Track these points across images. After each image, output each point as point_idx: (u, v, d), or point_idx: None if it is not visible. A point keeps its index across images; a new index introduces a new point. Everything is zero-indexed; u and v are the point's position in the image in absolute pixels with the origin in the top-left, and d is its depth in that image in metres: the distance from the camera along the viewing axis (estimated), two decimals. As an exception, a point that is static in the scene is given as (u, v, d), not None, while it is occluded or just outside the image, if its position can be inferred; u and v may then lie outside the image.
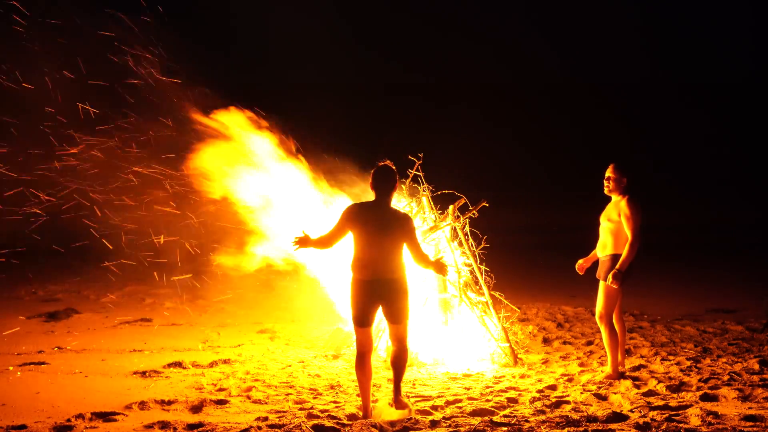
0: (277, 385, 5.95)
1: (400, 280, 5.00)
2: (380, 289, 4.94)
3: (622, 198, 6.31)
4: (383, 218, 5.00)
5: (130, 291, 11.60)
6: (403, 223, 5.03)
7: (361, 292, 4.97)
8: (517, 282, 11.78)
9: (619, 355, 6.34)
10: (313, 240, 5.10)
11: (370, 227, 4.96)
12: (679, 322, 9.11)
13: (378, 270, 4.94)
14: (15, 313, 9.43)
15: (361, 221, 4.98)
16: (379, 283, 4.94)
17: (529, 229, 25.69)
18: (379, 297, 4.96)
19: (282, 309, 9.92)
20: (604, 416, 4.88)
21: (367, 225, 4.97)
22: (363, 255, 4.97)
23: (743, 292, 11.46)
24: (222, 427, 4.73)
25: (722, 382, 5.88)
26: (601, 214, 6.45)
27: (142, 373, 6.36)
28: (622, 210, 6.24)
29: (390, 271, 4.96)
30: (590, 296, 10.74)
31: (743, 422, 4.76)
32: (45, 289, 11.57)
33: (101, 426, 4.83)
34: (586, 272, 6.62)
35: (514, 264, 14.60)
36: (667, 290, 11.85)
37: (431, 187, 7.41)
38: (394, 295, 4.96)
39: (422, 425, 4.76)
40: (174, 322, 9.30)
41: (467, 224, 7.32)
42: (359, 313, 4.99)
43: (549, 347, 7.69)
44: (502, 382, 6.12)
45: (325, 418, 4.94)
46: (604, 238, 6.37)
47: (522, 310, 9.62)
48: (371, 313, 5.01)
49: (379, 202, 5.07)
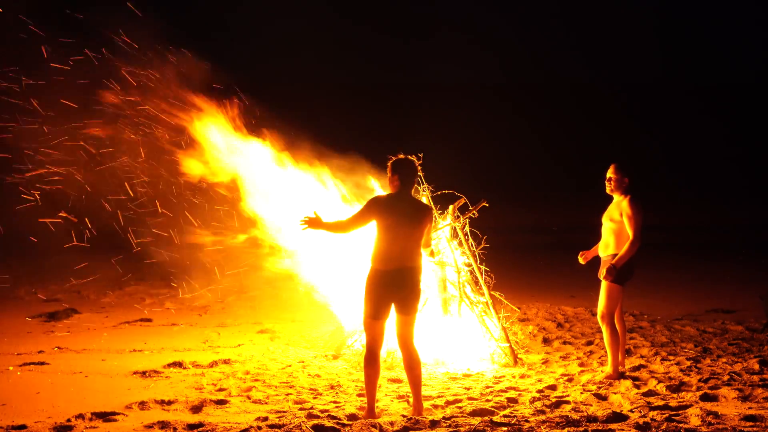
0: (277, 385, 5.95)
1: (418, 268, 5.12)
2: (400, 278, 5.02)
3: (623, 198, 6.36)
4: (409, 209, 5.11)
5: (130, 291, 11.60)
6: (427, 213, 5.18)
7: (381, 283, 5.03)
8: (517, 282, 11.78)
9: (620, 355, 6.35)
10: (326, 223, 5.17)
11: (398, 218, 5.04)
12: (679, 322, 9.11)
13: (402, 259, 5.03)
14: (15, 313, 9.43)
15: (388, 212, 5.05)
16: (401, 272, 5.02)
17: (529, 229, 25.69)
18: (398, 287, 5.03)
19: (282, 309, 9.92)
20: (604, 416, 4.88)
21: (395, 216, 5.04)
22: (389, 246, 5.03)
23: (743, 292, 11.45)
24: (222, 427, 4.73)
25: (722, 382, 5.89)
26: (603, 214, 6.48)
27: (142, 373, 6.35)
28: (623, 210, 6.30)
29: (411, 259, 5.08)
30: (590, 296, 10.77)
31: (743, 422, 4.76)
32: (45, 289, 11.57)
33: (101, 426, 4.83)
34: (588, 267, 6.64)
35: (514, 264, 14.61)
36: (667, 290, 11.84)
37: (431, 187, 7.41)
38: (412, 284, 5.07)
39: (422, 425, 4.76)
40: (174, 322, 9.30)
41: (467, 224, 7.33)
42: (375, 304, 5.04)
43: (549, 347, 7.69)
44: (502, 382, 6.12)
45: (325, 418, 4.94)
46: (606, 238, 6.41)
47: (522, 310, 9.62)
48: (387, 305, 5.08)
49: (402, 194, 5.15)
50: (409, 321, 5.11)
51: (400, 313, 5.10)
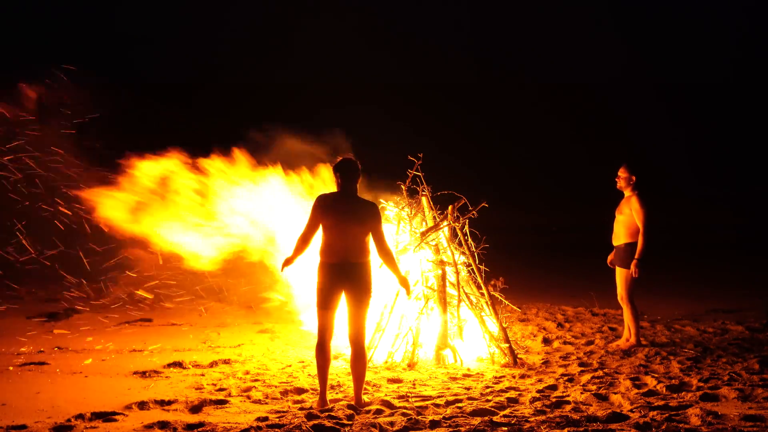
0: (277, 385, 5.95)
1: (365, 264, 5.28)
2: (346, 272, 5.21)
3: (632, 194, 7.28)
4: (350, 205, 5.30)
5: (130, 291, 11.59)
6: (369, 209, 5.33)
7: (328, 275, 5.23)
8: (517, 282, 11.78)
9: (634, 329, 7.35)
10: (294, 254, 5.37)
11: (338, 214, 5.25)
12: (679, 322, 9.11)
13: (346, 254, 5.21)
14: (15, 313, 9.43)
15: (331, 209, 5.27)
16: (346, 266, 5.20)
17: (530, 229, 25.70)
18: (345, 280, 5.22)
19: (282, 309, 9.92)
20: (604, 416, 4.87)
21: (336, 212, 5.26)
22: (332, 240, 5.24)
23: (743, 292, 11.46)
24: (222, 427, 4.72)
25: (722, 382, 5.88)
26: (616, 209, 7.40)
27: (142, 373, 6.35)
28: (632, 205, 7.21)
29: (356, 256, 5.24)
30: (590, 296, 10.78)
31: (743, 422, 4.76)
32: (45, 289, 11.56)
33: (101, 426, 4.82)
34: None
35: (514, 264, 14.60)
36: (667, 290, 11.85)
37: (430, 187, 7.41)
38: (359, 279, 5.23)
39: (422, 425, 4.76)
40: (174, 322, 9.30)
41: (467, 224, 7.33)
42: (323, 295, 5.24)
43: (549, 347, 7.69)
44: (502, 382, 6.11)
45: (325, 418, 4.94)
46: (617, 230, 7.37)
47: (522, 310, 9.62)
48: (335, 297, 5.25)
49: (345, 192, 5.35)
50: (357, 315, 5.27)
51: (349, 306, 5.28)
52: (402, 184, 7.47)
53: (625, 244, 7.26)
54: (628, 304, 7.34)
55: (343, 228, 5.23)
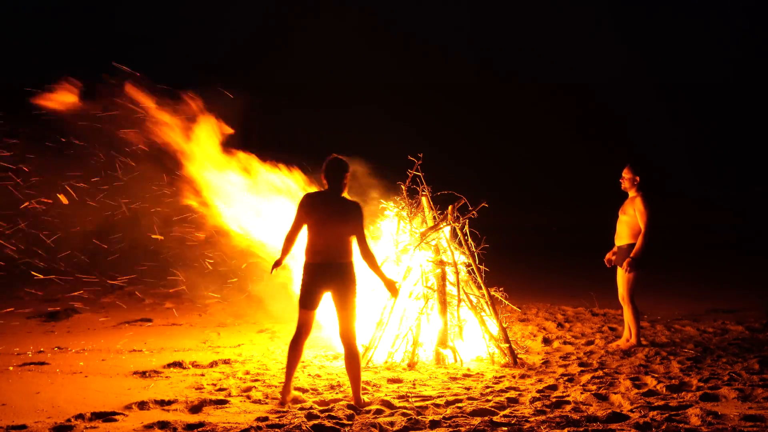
0: (277, 385, 5.94)
1: (349, 265, 5.26)
2: (330, 273, 5.20)
3: (636, 195, 7.31)
4: (336, 205, 5.28)
5: (130, 291, 11.60)
6: (353, 209, 5.31)
7: (311, 276, 5.23)
8: (517, 282, 11.78)
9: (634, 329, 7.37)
10: (282, 255, 5.36)
11: (323, 214, 5.24)
12: (679, 322, 9.11)
13: (329, 254, 5.20)
14: (15, 313, 9.42)
15: (316, 208, 5.26)
16: (330, 267, 5.20)
17: (530, 229, 25.70)
18: (329, 281, 5.21)
19: (282, 309, 9.91)
20: (604, 416, 4.87)
21: (321, 212, 5.24)
22: (316, 240, 5.23)
23: (743, 292, 11.46)
24: (222, 427, 4.72)
25: (722, 382, 5.88)
26: (620, 209, 7.43)
27: (142, 373, 6.35)
28: (636, 206, 7.25)
29: (340, 256, 5.23)
30: (590, 296, 10.78)
31: (743, 422, 4.76)
32: (45, 289, 11.57)
33: (101, 426, 4.82)
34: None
35: (514, 264, 14.61)
36: (667, 290, 11.85)
37: (430, 187, 7.41)
38: (343, 279, 5.22)
39: (422, 425, 4.76)
40: (174, 322, 9.30)
41: (467, 224, 7.33)
42: (306, 294, 5.25)
43: (549, 347, 7.69)
44: (502, 382, 6.11)
45: (325, 418, 4.94)
46: (620, 230, 7.41)
47: (522, 310, 9.62)
48: (317, 297, 5.26)
49: (330, 192, 5.33)
50: (346, 315, 5.26)
51: (336, 307, 5.27)
52: (402, 184, 7.48)
53: (628, 244, 7.30)
54: (628, 304, 7.37)
55: (327, 228, 5.21)
